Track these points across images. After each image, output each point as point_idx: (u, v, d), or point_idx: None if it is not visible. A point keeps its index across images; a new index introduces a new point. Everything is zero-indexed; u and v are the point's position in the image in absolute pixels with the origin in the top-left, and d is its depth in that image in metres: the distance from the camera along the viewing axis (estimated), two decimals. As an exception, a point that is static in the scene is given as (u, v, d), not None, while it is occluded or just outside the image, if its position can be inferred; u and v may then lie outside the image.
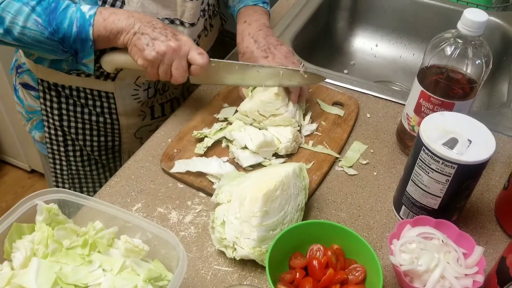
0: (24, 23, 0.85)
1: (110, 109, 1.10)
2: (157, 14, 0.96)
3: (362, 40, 1.51)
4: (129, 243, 0.66)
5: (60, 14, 0.86)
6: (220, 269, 0.78)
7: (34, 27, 0.86)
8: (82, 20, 0.87)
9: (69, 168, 1.19)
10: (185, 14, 0.99)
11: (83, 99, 1.07)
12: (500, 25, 1.33)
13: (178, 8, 0.98)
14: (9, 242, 0.66)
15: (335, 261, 0.74)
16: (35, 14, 0.85)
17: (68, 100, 1.08)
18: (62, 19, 0.86)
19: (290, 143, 0.93)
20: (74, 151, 1.16)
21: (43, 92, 1.07)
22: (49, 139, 1.13)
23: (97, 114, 1.10)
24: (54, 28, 0.86)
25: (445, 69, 0.85)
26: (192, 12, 0.99)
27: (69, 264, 0.64)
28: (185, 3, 0.98)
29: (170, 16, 0.98)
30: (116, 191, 0.88)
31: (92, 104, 1.08)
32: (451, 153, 0.73)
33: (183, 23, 1.00)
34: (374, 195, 0.90)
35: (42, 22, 0.85)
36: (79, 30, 0.87)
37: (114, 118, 1.12)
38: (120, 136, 1.16)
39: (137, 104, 1.11)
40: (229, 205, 0.80)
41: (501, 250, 0.74)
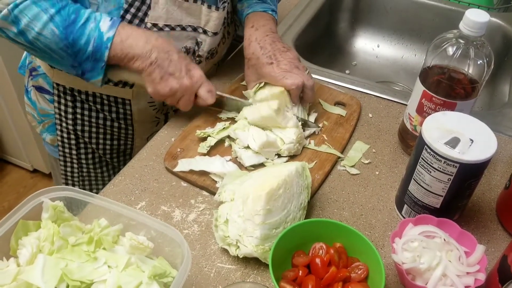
0: (40, 30, 0.85)
1: (125, 115, 1.10)
2: (181, 20, 0.97)
3: (364, 40, 1.52)
4: (134, 240, 0.66)
5: (79, 30, 0.86)
6: (224, 267, 0.78)
7: (50, 36, 0.85)
8: (99, 41, 0.86)
9: (80, 170, 1.19)
10: (209, 23, 1.00)
11: (99, 104, 1.08)
12: (501, 26, 1.34)
13: (203, 17, 0.99)
14: (15, 239, 0.67)
15: (338, 259, 0.74)
16: (53, 24, 0.84)
17: (83, 105, 1.08)
18: (80, 35, 0.86)
19: (294, 144, 0.93)
20: (86, 154, 1.16)
21: (58, 96, 1.07)
22: (61, 142, 1.13)
23: (112, 120, 1.11)
24: (70, 42, 0.86)
25: (447, 69, 0.86)
26: (217, 22, 1.01)
27: (75, 260, 0.65)
28: (211, 12, 0.99)
29: (194, 24, 0.99)
30: (120, 190, 0.89)
31: (108, 109, 1.09)
32: (453, 152, 0.73)
33: (206, 32, 1.01)
34: (376, 194, 0.91)
35: (59, 34, 0.85)
36: (94, 50, 0.87)
37: (129, 124, 1.12)
38: (133, 140, 1.17)
39: (152, 111, 1.12)
40: (232, 203, 0.80)
41: (503, 249, 0.75)
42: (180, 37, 0.99)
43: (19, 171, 2.36)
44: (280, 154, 0.94)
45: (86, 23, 0.86)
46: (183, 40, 1.00)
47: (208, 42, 1.03)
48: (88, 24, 0.86)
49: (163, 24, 0.95)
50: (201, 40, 1.02)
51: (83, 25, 0.86)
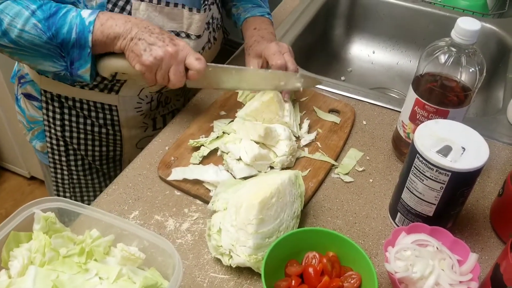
0: (22, 26, 0.85)
1: (112, 121, 1.10)
2: (163, 26, 0.97)
3: (359, 47, 1.52)
4: (125, 251, 0.66)
5: (60, 19, 0.86)
6: (217, 277, 0.78)
7: (32, 31, 0.85)
8: (81, 27, 0.86)
9: (70, 177, 1.19)
10: (192, 27, 1.00)
11: (86, 110, 1.08)
12: (495, 32, 1.34)
13: (185, 20, 0.99)
14: (6, 250, 0.67)
15: (331, 269, 0.74)
16: (35, 19, 0.85)
17: (71, 111, 1.09)
18: (62, 24, 0.86)
19: (286, 156, 0.93)
20: (76, 160, 1.17)
21: (46, 103, 1.08)
22: (50, 149, 1.14)
23: (100, 126, 1.11)
24: (53, 33, 0.86)
25: (439, 77, 0.86)
26: (199, 24, 1.01)
27: (66, 272, 0.65)
28: (193, 15, 0.99)
29: (176, 29, 0.99)
30: (113, 199, 0.89)
31: (95, 115, 1.09)
32: (445, 161, 0.73)
33: (189, 35, 1.01)
34: (370, 202, 0.91)
35: (41, 27, 0.85)
36: (78, 36, 0.87)
37: (117, 130, 1.13)
38: (122, 146, 1.17)
39: (139, 116, 1.12)
40: (225, 212, 0.80)
41: (496, 257, 0.75)
42: None
43: (16, 178, 2.36)
44: (273, 166, 0.93)
45: (67, 13, 0.87)
46: None
47: (192, 46, 1.02)
48: (69, 13, 0.87)
49: None
50: None
51: (65, 15, 0.86)
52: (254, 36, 1.08)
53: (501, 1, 1.53)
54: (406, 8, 1.43)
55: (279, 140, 0.94)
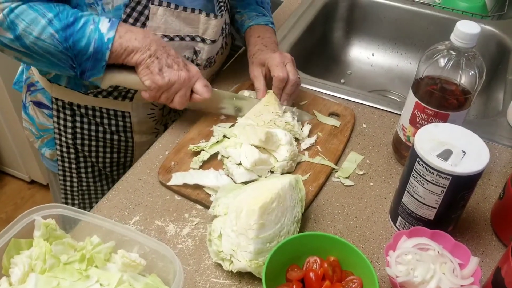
0: (38, 35, 0.84)
1: (125, 127, 1.10)
2: (180, 31, 0.98)
3: (359, 49, 1.52)
4: (126, 258, 0.66)
5: (79, 32, 0.86)
6: (218, 282, 0.78)
7: (49, 40, 0.85)
8: (100, 42, 0.87)
9: (79, 184, 1.18)
10: (207, 31, 1.01)
11: (99, 117, 1.08)
12: (495, 34, 1.34)
13: (201, 25, 1.00)
14: (7, 257, 0.67)
15: (332, 273, 0.74)
16: (52, 28, 0.84)
17: (83, 118, 1.08)
18: (80, 37, 0.86)
19: (287, 161, 0.92)
20: (86, 167, 1.16)
21: (57, 111, 1.07)
22: (60, 156, 1.13)
23: (112, 132, 1.11)
24: (70, 45, 0.85)
25: (439, 80, 0.86)
26: (215, 30, 1.02)
27: (67, 279, 0.65)
28: (209, 20, 1.00)
29: (192, 33, 1.00)
30: (114, 205, 0.89)
31: (107, 122, 1.09)
32: (445, 165, 0.73)
33: (204, 40, 1.02)
34: (370, 206, 0.91)
35: (58, 37, 0.85)
36: (95, 51, 0.87)
37: (129, 136, 1.13)
38: (133, 152, 1.17)
39: (151, 122, 1.12)
40: (226, 217, 0.80)
41: (498, 260, 0.75)
42: (179, 47, 1.00)
43: (17, 182, 2.36)
44: (273, 171, 0.93)
45: (85, 25, 0.86)
46: (181, 50, 1.00)
47: (207, 50, 1.04)
48: (87, 26, 0.86)
49: (162, 34, 0.96)
50: (199, 49, 1.03)
51: (83, 27, 0.86)
52: (258, 45, 1.09)
53: (500, 2, 1.53)
54: (405, 10, 1.43)
55: (280, 145, 0.94)
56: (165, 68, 0.90)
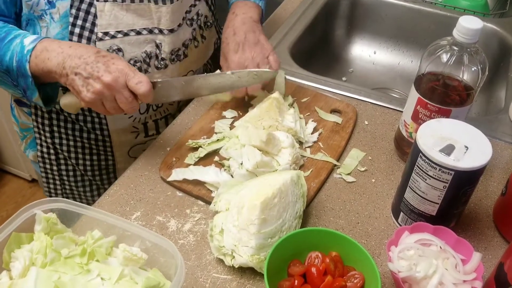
0: None
1: (101, 124, 1.07)
2: (134, 24, 0.94)
3: (360, 47, 1.52)
4: (127, 252, 0.66)
5: (5, 45, 0.83)
6: (219, 277, 0.78)
7: None
8: (20, 55, 0.83)
9: (63, 188, 1.17)
10: (161, 21, 0.96)
11: (74, 114, 1.05)
12: (497, 32, 1.34)
13: (154, 15, 0.95)
14: (7, 251, 0.67)
15: (334, 268, 0.74)
16: None
17: (59, 116, 1.06)
18: (6, 51, 0.84)
19: (290, 165, 0.91)
20: (67, 170, 1.14)
21: (35, 108, 1.06)
22: (41, 157, 1.12)
23: (88, 131, 1.08)
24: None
25: (441, 76, 0.86)
26: (168, 17, 0.97)
27: (68, 273, 0.64)
28: (160, 7, 0.95)
29: (148, 25, 0.96)
30: (115, 200, 0.89)
31: (82, 119, 1.06)
32: (448, 160, 0.73)
33: (161, 31, 0.98)
34: (372, 202, 0.90)
35: None
36: (18, 65, 0.84)
37: (106, 135, 1.09)
38: (113, 154, 1.14)
39: (128, 120, 1.08)
40: (227, 213, 0.80)
41: (500, 256, 0.74)
42: (137, 42, 0.96)
43: (18, 180, 2.36)
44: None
45: (13, 39, 0.84)
46: (141, 45, 0.97)
47: (168, 42, 0.99)
48: (15, 40, 0.84)
49: (115, 31, 0.93)
50: (160, 41, 0.99)
51: (10, 41, 0.84)
52: (227, 30, 1.03)
53: (502, 1, 1.52)
54: (407, 8, 1.43)
55: (282, 148, 0.92)
56: (85, 81, 0.82)
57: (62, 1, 0.89)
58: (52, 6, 0.89)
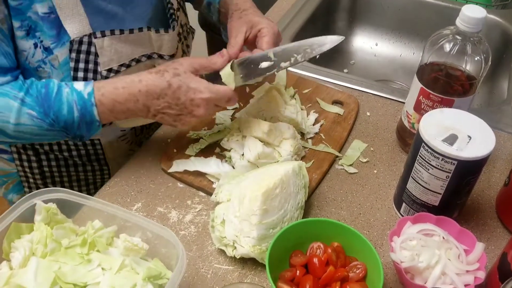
0: (16, 120, 0.76)
1: (97, 155, 1.01)
2: (132, 54, 0.89)
3: (362, 39, 1.51)
4: (128, 242, 0.66)
5: (55, 101, 0.77)
6: (221, 268, 0.77)
7: (29, 122, 0.77)
8: (82, 102, 0.78)
9: None
10: (163, 48, 0.93)
11: (66, 151, 0.99)
12: (499, 23, 1.33)
13: (154, 43, 0.91)
14: (7, 241, 0.66)
15: (336, 259, 0.73)
16: (26, 108, 0.76)
17: (48, 156, 0.99)
18: (59, 106, 0.77)
19: (291, 156, 0.90)
20: None
21: (18, 153, 0.98)
22: None
23: (84, 164, 1.02)
24: (53, 118, 0.77)
25: (444, 66, 0.85)
26: (170, 45, 0.93)
27: (68, 263, 0.64)
28: (162, 36, 0.91)
29: (146, 52, 0.91)
30: (116, 191, 0.88)
31: (77, 154, 1.00)
32: (450, 149, 0.73)
33: (162, 56, 0.94)
34: (374, 193, 0.90)
35: (37, 115, 0.77)
36: (81, 113, 0.78)
37: (103, 164, 1.04)
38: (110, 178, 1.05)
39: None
40: (228, 204, 0.80)
41: (503, 247, 0.74)
42: (138, 70, 0.87)
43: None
44: None
45: (60, 91, 0.78)
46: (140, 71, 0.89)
47: None
48: (63, 92, 0.78)
49: (117, 65, 0.88)
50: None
51: (58, 94, 0.78)
52: (248, 2, 0.97)
53: (505, -8, 1.51)
54: (409, -1, 1.42)
55: (283, 139, 0.92)
56: (179, 117, 0.82)
57: (61, 48, 0.82)
58: (49, 53, 0.82)
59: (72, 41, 0.82)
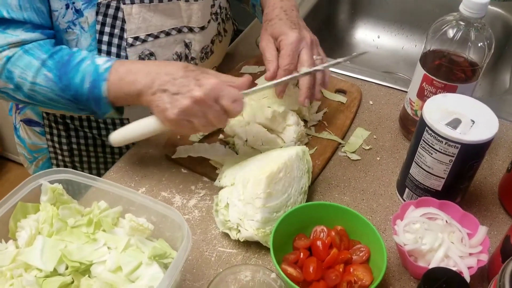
0: (33, 79, 0.78)
1: None
2: (162, 26, 0.89)
3: (364, 31, 1.51)
4: (133, 222, 0.66)
5: (73, 69, 0.78)
6: (225, 251, 0.78)
7: (44, 83, 0.78)
8: (95, 74, 0.78)
9: None
10: (192, 18, 0.92)
11: (95, 129, 1.00)
12: (501, 15, 1.34)
13: (184, 13, 0.91)
14: (14, 221, 0.67)
15: (339, 242, 0.74)
16: (45, 69, 0.78)
17: (78, 133, 1.01)
18: (74, 74, 0.78)
19: (294, 143, 0.91)
20: None
21: (49, 127, 1.00)
22: None
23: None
24: (65, 84, 0.78)
25: (447, 52, 0.85)
26: (200, 14, 0.92)
27: (74, 242, 0.64)
28: (191, 5, 0.90)
29: (177, 25, 0.91)
30: (120, 176, 0.89)
31: (105, 134, 0.99)
32: (454, 133, 0.73)
33: (192, 29, 0.93)
34: (377, 179, 0.90)
35: (52, 77, 0.78)
36: (91, 85, 0.78)
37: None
38: None
39: None
40: (232, 188, 0.80)
41: (505, 232, 0.74)
42: (167, 44, 0.91)
43: (20, 168, 2.36)
44: None
45: (81, 62, 0.79)
46: (171, 46, 0.92)
47: (198, 40, 0.95)
48: (84, 62, 0.79)
49: (145, 34, 0.88)
50: (189, 40, 0.94)
51: (79, 64, 0.79)
52: (277, 9, 0.93)
53: (507, -15, 1.52)
54: (411, -8, 1.43)
55: (286, 126, 0.92)
56: (173, 98, 0.76)
57: (91, 8, 0.83)
58: (80, 15, 0.83)
59: (99, 3, 0.83)
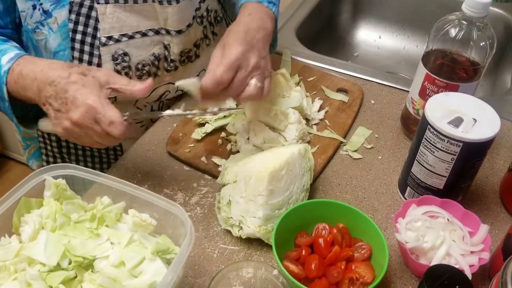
0: None
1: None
2: (138, 26, 0.88)
3: (366, 32, 1.51)
4: (137, 218, 0.66)
5: None
6: (227, 248, 0.78)
7: None
8: None
9: None
10: (168, 21, 0.90)
11: None
12: (503, 16, 1.34)
13: (160, 16, 0.89)
14: (17, 216, 0.67)
15: (341, 239, 0.74)
16: None
17: None
18: None
19: (296, 141, 0.91)
20: None
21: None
22: None
23: None
24: None
25: (449, 51, 0.86)
26: (175, 18, 0.90)
27: (77, 237, 0.64)
28: (165, 8, 0.88)
29: (154, 26, 0.90)
30: (122, 173, 0.89)
31: None
32: (456, 131, 0.73)
33: (169, 32, 0.91)
34: (379, 178, 0.90)
35: None
36: None
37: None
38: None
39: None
40: (234, 185, 0.80)
41: (506, 231, 0.75)
42: (144, 45, 0.90)
43: (21, 166, 2.36)
44: None
45: None
46: (148, 47, 0.91)
47: (177, 43, 0.93)
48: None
49: (119, 34, 0.87)
50: (168, 42, 0.93)
51: None
52: (240, 24, 0.86)
53: (508, -14, 1.52)
54: (412, -8, 1.43)
55: (288, 124, 0.92)
56: (57, 114, 0.72)
57: (60, 9, 0.83)
58: (48, 15, 0.83)
59: (72, 2, 0.83)
